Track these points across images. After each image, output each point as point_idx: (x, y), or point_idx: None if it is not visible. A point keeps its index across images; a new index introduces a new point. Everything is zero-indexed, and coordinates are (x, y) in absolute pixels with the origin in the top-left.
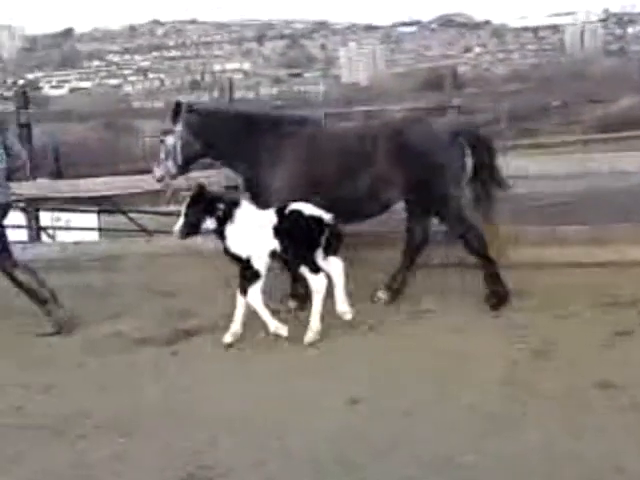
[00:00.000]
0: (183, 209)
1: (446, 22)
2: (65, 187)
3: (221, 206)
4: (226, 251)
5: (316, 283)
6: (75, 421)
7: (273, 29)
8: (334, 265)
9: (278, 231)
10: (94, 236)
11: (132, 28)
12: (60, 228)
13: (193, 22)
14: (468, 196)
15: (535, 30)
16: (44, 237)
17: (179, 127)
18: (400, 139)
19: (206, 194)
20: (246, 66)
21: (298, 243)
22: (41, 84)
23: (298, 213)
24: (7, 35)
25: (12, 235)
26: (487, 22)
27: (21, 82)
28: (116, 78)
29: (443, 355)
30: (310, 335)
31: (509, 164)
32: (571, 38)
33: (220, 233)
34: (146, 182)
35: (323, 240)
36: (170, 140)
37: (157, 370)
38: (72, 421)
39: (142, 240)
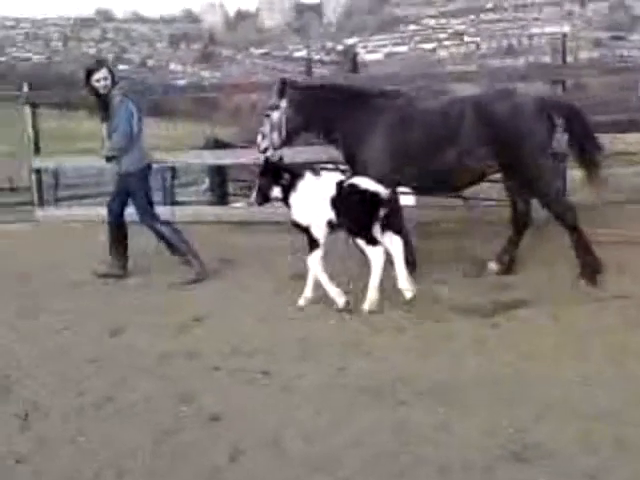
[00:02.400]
0: (257, 179)
1: None
2: None
3: (286, 176)
4: (291, 220)
5: (373, 255)
6: (395, 386)
7: None
8: (394, 242)
9: (335, 203)
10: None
11: None
12: None
13: None
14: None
15: None
16: None
17: (284, 103)
18: (483, 111)
19: (274, 166)
20: (566, 29)
21: (353, 215)
22: (358, 49)
23: (354, 187)
24: None
25: None
26: None
27: (340, 47)
28: (431, 42)
29: None
30: (368, 306)
31: None
32: None
33: (286, 202)
34: None
35: (381, 214)
36: (275, 115)
37: (477, 342)
38: (393, 386)
39: (457, 206)
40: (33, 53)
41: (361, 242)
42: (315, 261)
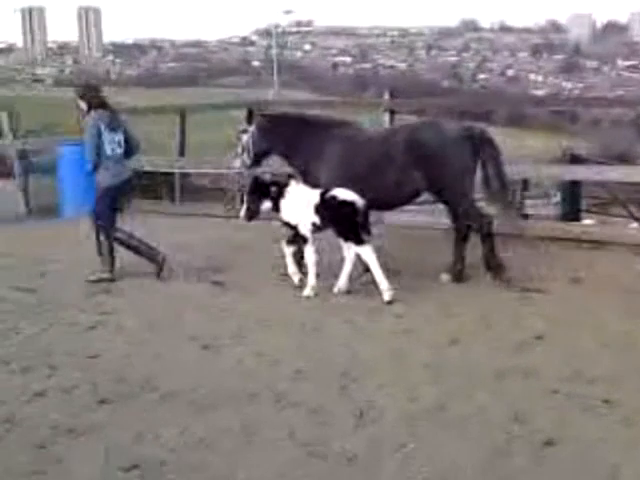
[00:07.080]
0: (245, 197)
1: None
2: None
3: (274, 189)
4: (281, 220)
5: (365, 253)
6: None
7: None
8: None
9: (318, 209)
10: None
11: None
12: None
13: None
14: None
15: None
16: None
17: (252, 128)
18: (414, 139)
19: (260, 183)
20: None
21: (334, 221)
22: None
23: (333, 197)
24: None
25: None
26: None
27: None
28: None
29: None
30: (387, 294)
31: None
32: None
33: (276, 208)
34: None
35: (358, 220)
36: (245, 138)
37: None
38: None
39: None
40: (396, 61)
41: (351, 245)
42: (310, 252)
